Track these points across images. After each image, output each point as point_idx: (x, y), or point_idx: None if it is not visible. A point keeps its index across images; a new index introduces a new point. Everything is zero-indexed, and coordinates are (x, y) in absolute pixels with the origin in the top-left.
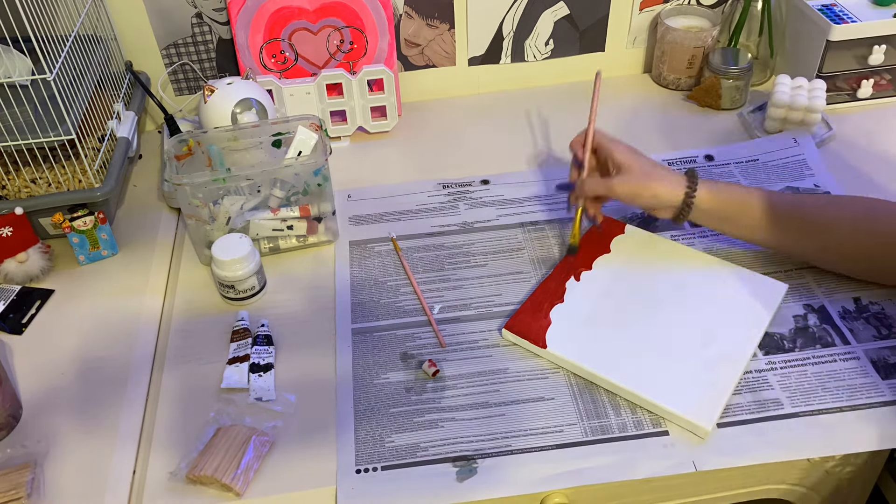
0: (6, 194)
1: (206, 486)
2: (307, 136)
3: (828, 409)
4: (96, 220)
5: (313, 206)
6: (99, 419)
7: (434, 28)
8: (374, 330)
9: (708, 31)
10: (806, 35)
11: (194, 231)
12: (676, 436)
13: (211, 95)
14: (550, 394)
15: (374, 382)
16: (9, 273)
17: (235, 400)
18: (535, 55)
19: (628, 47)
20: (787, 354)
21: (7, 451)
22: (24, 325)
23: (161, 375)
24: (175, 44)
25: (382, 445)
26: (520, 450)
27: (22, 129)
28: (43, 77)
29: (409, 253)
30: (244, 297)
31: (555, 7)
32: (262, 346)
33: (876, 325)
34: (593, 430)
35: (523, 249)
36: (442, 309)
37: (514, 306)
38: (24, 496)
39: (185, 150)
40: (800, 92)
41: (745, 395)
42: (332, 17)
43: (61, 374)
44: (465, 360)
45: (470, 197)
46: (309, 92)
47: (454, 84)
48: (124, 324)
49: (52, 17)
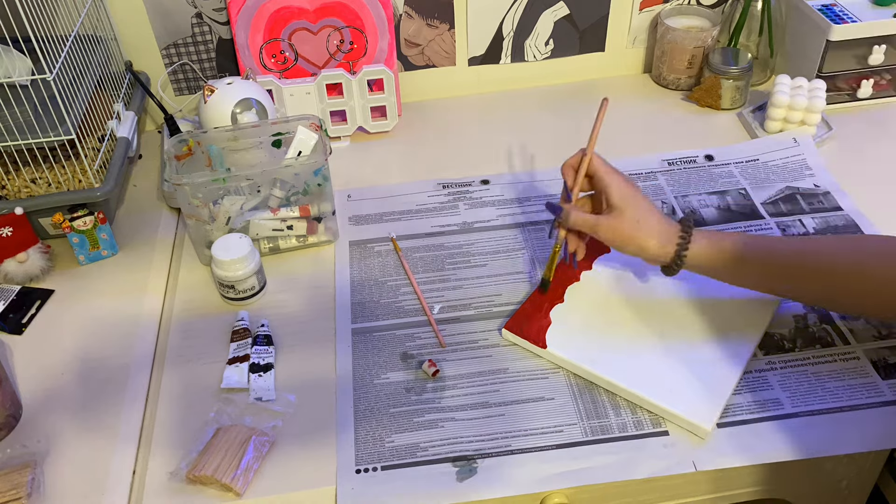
0: (6, 194)
1: (206, 486)
2: (307, 136)
3: (828, 409)
4: (96, 220)
5: (313, 206)
6: (99, 419)
7: (434, 28)
8: (374, 330)
9: (708, 31)
10: (806, 35)
11: (194, 231)
12: (676, 436)
13: (211, 95)
14: (550, 394)
15: (374, 382)
16: (9, 273)
17: (235, 400)
18: (535, 55)
19: (628, 47)
20: (787, 354)
21: (7, 451)
22: (24, 325)
23: (161, 375)
24: (175, 44)
25: (382, 445)
26: (520, 450)
27: (22, 129)
28: (43, 77)
29: (409, 253)
30: (244, 297)
31: (555, 7)
32: (262, 346)
33: (876, 324)
34: (593, 430)
35: (523, 249)
36: (442, 309)
37: (514, 306)
38: (24, 496)
39: (185, 150)
40: (800, 92)
41: (745, 395)
42: (332, 17)
43: (61, 374)
44: (465, 360)
45: (470, 197)
46: (309, 92)
47: (454, 84)
48: (124, 324)
49: (52, 17)
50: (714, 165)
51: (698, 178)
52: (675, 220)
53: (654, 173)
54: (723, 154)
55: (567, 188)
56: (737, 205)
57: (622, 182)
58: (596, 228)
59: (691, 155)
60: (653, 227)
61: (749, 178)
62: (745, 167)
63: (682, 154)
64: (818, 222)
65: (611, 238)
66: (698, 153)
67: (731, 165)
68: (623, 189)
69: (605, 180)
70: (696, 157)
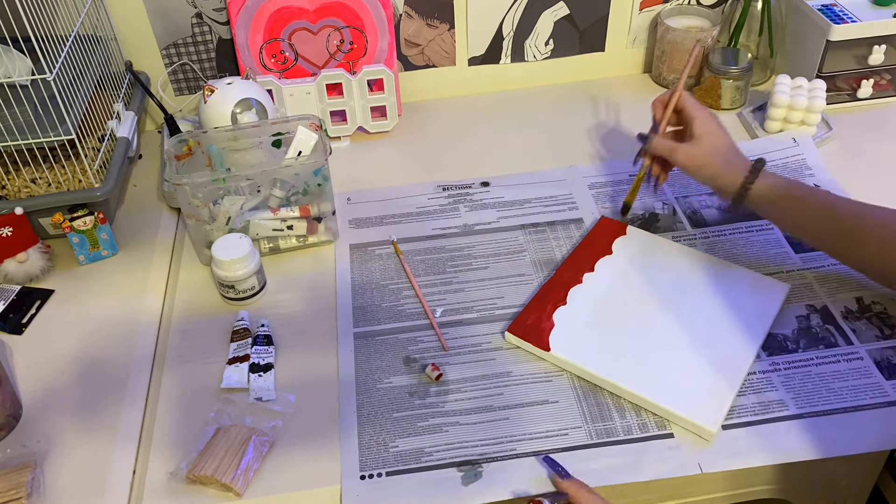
0: (6, 194)
1: (205, 486)
2: (307, 136)
3: (833, 410)
4: (96, 220)
5: (313, 206)
6: (99, 419)
7: (434, 28)
8: (376, 334)
9: (708, 31)
10: (806, 35)
11: (194, 231)
12: (681, 438)
13: (211, 95)
14: (555, 397)
15: (377, 387)
16: (9, 273)
17: (235, 400)
18: (535, 55)
19: (628, 47)
20: (790, 355)
21: (7, 451)
22: (24, 325)
23: (161, 375)
24: (175, 44)
25: (386, 450)
26: (525, 453)
27: (22, 129)
28: (43, 77)
29: (410, 256)
30: (244, 297)
31: (555, 7)
32: (262, 346)
33: (878, 325)
34: (598, 432)
35: (524, 252)
36: (444, 312)
37: (517, 309)
38: (24, 496)
39: (185, 150)
40: (800, 92)
41: (750, 396)
42: (332, 17)
43: (61, 374)
44: (468, 364)
45: (470, 199)
46: (309, 92)
47: (454, 84)
48: (124, 324)
49: (52, 17)
50: None
51: None
52: None
53: None
54: None
55: (655, 121)
56: None
57: (707, 116)
58: (674, 153)
59: None
60: (728, 158)
61: None
62: None
63: None
64: None
65: (686, 163)
66: None
67: None
68: (706, 122)
69: (692, 113)
70: None
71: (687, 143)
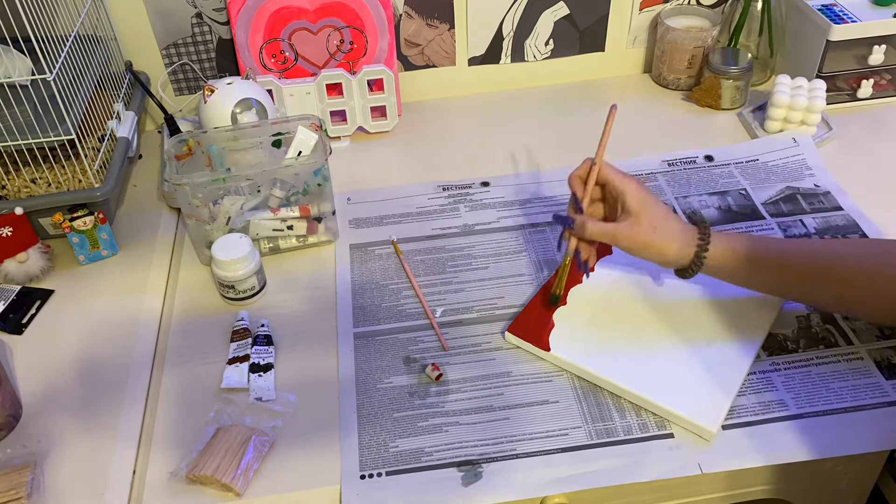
0: (6, 194)
1: (205, 486)
2: (307, 136)
3: (833, 410)
4: (96, 220)
5: (313, 206)
6: (99, 419)
7: (434, 28)
8: (376, 334)
9: (708, 31)
10: (806, 35)
11: (194, 231)
12: (681, 438)
13: (211, 95)
14: (555, 397)
15: (377, 387)
16: (9, 273)
17: (235, 400)
18: (535, 55)
19: (628, 47)
20: (790, 355)
21: (7, 451)
22: (24, 325)
23: (161, 375)
24: (175, 44)
25: (386, 450)
26: (525, 454)
27: (22, 129)
28: (43, 77)
29: (410, 256)
30: (244, 297)
31: (555, 7)
32: (262, 346)
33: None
34: (598, 433)
35: (524, 252)
36: (444, 312)
37: (517, 309)
38: (24, 496)
39: (185, 150)
40: (800, 92)
41: (750, 396)
42: (332, 17)
43: (61, 374)
44: (468, 364)
45: (470, 199)
46: (309, 92)
47: (454, 84)
48: (124, 324)
49: (52, 17)
50: (714, 166)
51: (698, 178)
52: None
53: (654, 174)
54: (723, 154)
55: (576, 199)
56: (737, 205)
57: (637, 187)
58: (615, 237)
59: (691, 155)
60: (671, 231)
61: (749, 179)
62: (746, 167)
63: (682, 154)
64: (819, 222)
65: (629, 245)
66: (698, 153)
67: (732, 166)
68: (639, 195)
69: (620, 187)
70: (696, 158)
71: (623, 221)
